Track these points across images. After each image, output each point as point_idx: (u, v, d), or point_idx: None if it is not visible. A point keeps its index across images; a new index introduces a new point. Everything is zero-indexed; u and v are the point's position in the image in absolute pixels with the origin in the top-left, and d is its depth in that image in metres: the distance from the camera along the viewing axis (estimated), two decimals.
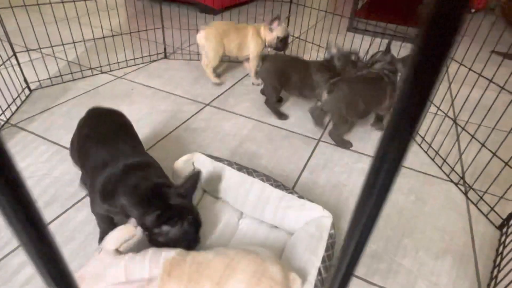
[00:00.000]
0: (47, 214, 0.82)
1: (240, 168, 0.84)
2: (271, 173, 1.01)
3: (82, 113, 0.87)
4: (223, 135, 1.18)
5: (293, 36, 2.09)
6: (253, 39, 1.47)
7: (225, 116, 1.30)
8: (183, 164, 0.85)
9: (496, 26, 2.88)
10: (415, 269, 0.76)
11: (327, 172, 1.04)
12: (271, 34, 1.45)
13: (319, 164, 1.07)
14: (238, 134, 1.19)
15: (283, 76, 1.25)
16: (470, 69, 1.03)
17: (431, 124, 1.25)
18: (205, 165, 0.86)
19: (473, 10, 3.35)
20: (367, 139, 1.22)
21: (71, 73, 1.45)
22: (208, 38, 1.42)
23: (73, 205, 0.85)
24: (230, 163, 0.85)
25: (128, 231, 0.63)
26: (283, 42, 1.47)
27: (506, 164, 0.89)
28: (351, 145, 1.16)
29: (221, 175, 0.84)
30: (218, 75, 1.57)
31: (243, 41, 1.47)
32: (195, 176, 0.71)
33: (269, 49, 1.57)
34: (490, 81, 0.95)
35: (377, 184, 0.15)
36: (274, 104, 1.31)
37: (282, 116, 1.30)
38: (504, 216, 0.87)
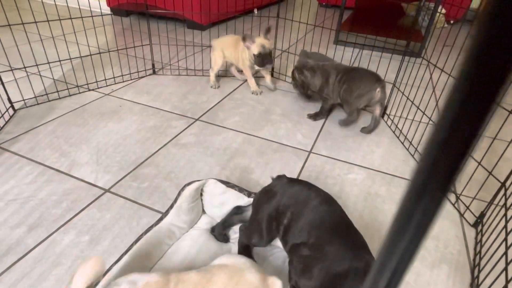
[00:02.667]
0: (31, 238, 0.79)
1: (250, 193, 0.82)
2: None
3: (69, 132, 0.85)
4: (213, 149, 1.17)
5: (281, 49, 2.12)
6: (242, 52, 1.54)
7: (215, 130, 1.29)
8: (194, 191, 0.81)
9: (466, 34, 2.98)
10: (412, 280, 0.76)
11: (320, 184, 1.03)
12: (249, 52, 1.48)
13: (311, 177, 1.07)
14: (229, 148, 1.18)
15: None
16: (449, 75, 1.06)
17: (415, 132, 1.27)
18: (214, 192, 0.83)
19: (452, 22, 3.48)
20: (357, 149, 1.22)
21: (57, 91, 1.43)
22: (213, 47, 1.62)
23: (59, 227, 0.82)
24: (241, 189, 0.83)
25: (96, 264, 0.55)
26: (260, 58, 1.46)
27: (490, 173, 0.91)
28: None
29: (231, 203, 0.83)
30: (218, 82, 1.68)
31: (238, 54, 1.56)
32: None
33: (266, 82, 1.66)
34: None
35: (397, 251, 0.12)
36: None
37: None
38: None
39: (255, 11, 3.25)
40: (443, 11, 3.11)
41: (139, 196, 0.94)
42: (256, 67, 1.54)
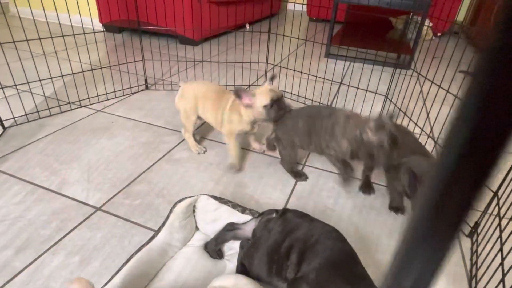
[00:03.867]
0: (19, 261, 0.77)
1: (244, 210, 0.81)
2: (258, 202, 0.99)
3: (60, 149, 0.84)
4: (207, 164, 1.16)
5: (273, 64, 2.14)
6: (228, 111, 1.09)
7: (208, 145, 1.28)
8: (186, 208, 0.79)
9: (459, 47, 3.07)
10: None
11: (314, 198, 1.03)
12: (254, 108, 1.03)
13: (305, 190, 1.06)
14: (222, 163, 1.17)
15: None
16: (439, 86, 1.08)
17: None
18: (207, 209, 0.82)
19: (439, 34, 3.57)
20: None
21: (48, 108, 1.42)
22: (183, 98, 1.18)
23: (48, 249, 0.80)
24: (234, 205, 0.82)
25: (82, 286, 0.52)
26: (275, 107, 1.02)
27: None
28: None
29: (224, 219, 0.81)
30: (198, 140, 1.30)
31: (222, 114, 1.11)
32: None
33: (253, 146, 1.26)
34: (455, 96, 0.99)
35: None
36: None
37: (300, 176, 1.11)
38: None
39: (247, 26, 3.31)
40: (430, 24, 3.19)
41: (131, 214, 0.92)
42: (262, 122, 1.11)
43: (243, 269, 0.72)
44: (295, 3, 2.16)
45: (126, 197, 0.98)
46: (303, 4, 3.58)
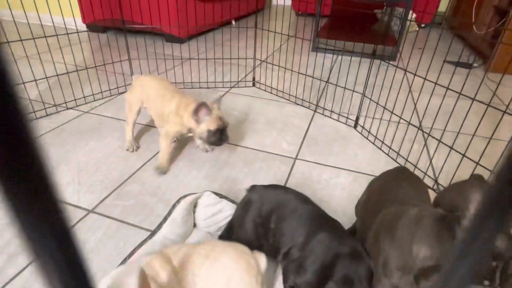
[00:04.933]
0: (11, 268, 0.75)
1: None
2: None
3: (48, 152, 0.83)
4: (200, 162, 1.16)
5: (260, 59, 2.14)
6: (171, 116, 1.08)
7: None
8: (190, 204, 0.81)
9: (443, 38, 3.12)
10: None
11: (308, 190, 1.04)
12: (199, 126, 1.04)
13: (298, 183, 1.07)
14: (215, 160, 1.17)
15: None
16: (425, 78, 1.10)
17: (395, 132, 1.30)
18: (208, 203, 0.83)
19: (423, 25, 3.63)
20: (342, 154, 1.24)
21: (34, 111, 1.38)
22: (133, 88, 1.18)
23: None
24: (232, 201, 0.84)
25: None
26: (217, 135, 1.05)
27: (477, 164, 0.94)
28: None
29: (224, 212, 0.83)
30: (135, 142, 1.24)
31: (163, 112, 1.11)
32: None
33: (198, 143, 1.23)
34: (447, 88, 1.01)
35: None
36: None
37: None
38: None
39: (233, 22, 3.29)
40: (414, 16, 3.24)
41: (125, 215, 0.91)
42: (205, 146, 1.20)
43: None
44: None
45: (119, 198, 0.97)
46: None
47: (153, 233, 0.77)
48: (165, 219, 0.79)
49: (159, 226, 0.78)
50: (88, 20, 2.61)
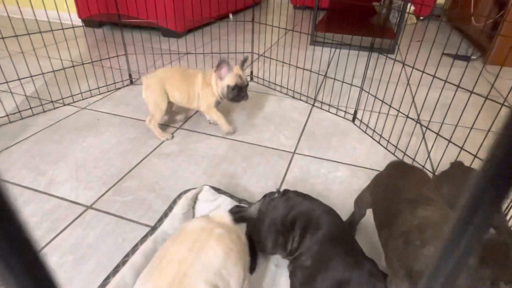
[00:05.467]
0: None
1: (240, 200, 0.83)
2: (250, 192, 1.00)
3: (45, 149, 0.82)
4: (198, 157, 1.16)
5: (258, 54, 2.13)
6: (202, 89, 1.22)
7: (198, 138, 1.28)
8: (191, 200, 0.82)
9: (441, 30, 3.11)
10: None
11: (306, 185, 1.04)
12: (221, 82, 1.19)
13: (297, 178, 1.07)
14: (214, 155, 1.17)
15: None
16: (423, 71, 1.09)
17: (394, 126, 1.30)
18: (208, 198, 0.84)
19: (421, 18, 3.60)
20: (340, 148, 1.24)
21: (31, 108, 1.38)
22: (149, 88, 1.20)
23: (40, 250, 0.79)
24: (231, 196, 0.85)
25: None
26: (235, 91, 1.19)
27: (475, 156, 0.94)
28: None
29: (224, 207, 0.83)
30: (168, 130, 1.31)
31: (191, 90, 1.22)
32: None
33: (207, 118, 1.35)
34: (445, 81, 1.01)
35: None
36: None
37: None
38: None
39: (231, 16, 3.26)
40: (412, 8, 3.22)
41: (123, 210, 0.91)
42: (225, 101, 1.27)
43: (250, 242, 0.75)
44: None
45: (117, 194, 0.97)
46: None
47: (153, 228, 0.77)
48: (165, 214, 0.79)
49: (160, 221, 0.79)
50: (84, 15, 2.58)
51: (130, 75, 1.70)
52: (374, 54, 2.22)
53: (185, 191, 0.82)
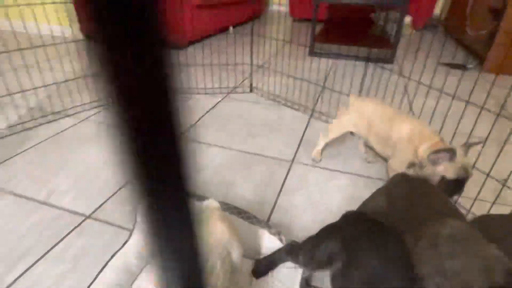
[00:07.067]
0: (11, 274, 0.76)
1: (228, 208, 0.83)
2: (249, 201, 1.00)
3: (47, 160, 0.84)
4: (197, 166, 1.16)
5: (257, 65, 2.16)
6: (402, 143, 0.96)
7: (198, 147, 1.29)
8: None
9: (438, 40, 3.15)
10: None
11: (303, 193, 1.05)
12: (432, 166, 0.87)
13: (293, 186, 1.08)
14: (212, 164, 1.18)
15: None
16: (419, 82, 1.11)
17: None
18: None
19: (420, 29, 3.65)
20: (338, 156, 1.25)
21: (33, 119, 1.40)
22: (351, 109, 1.11)
23: (39, 259, 0.79)
24: (200, 198, 0.84)
25: None
26: (451, 185, 0.86)
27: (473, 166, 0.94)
28: None
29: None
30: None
31: (389, 137, 0.99)
32: None
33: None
34: (441, 91, 1.03)
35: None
36: None
37: None
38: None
39: (231, 29, 3.32)
40: (408, 19, 3.27)
41: (122, 220, 0.92)
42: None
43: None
44: (279, 4, 2.19)
45: (116, 203, 0.98)
46: (279, 4, 3.62)
47: (124, 242, 0.77)
48: (134, 226, 0.80)
49: (130, 234, 0.79)
50: (86, 29, 2.64)
51: None
52: (372, 64, 2.25)
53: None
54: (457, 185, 0.86)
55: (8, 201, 0.97)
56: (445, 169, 0.84)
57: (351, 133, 1.18)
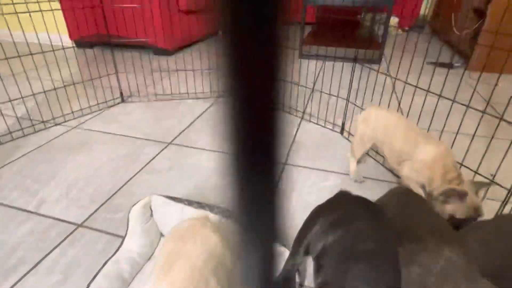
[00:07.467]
0: (9, 281, 0.74)
1: (201, 206, 0.82)
2: None
3: (35, 169, 0.83)
4: (190, 171, 1.16)
5: None
6: (419, 163, 0.92)
7: (189, 152, 1.29)
8: (141, 210, 0.81)
9: (425, 40, 3.20)
10: None
11: (296, 195, 1.05)
12: (443, 204, 0.84)
13: (287, 188, 1.08)
14: (204, 168, 1.18)
15: None
16: (406, 82, 1.13)
17: None
18: (164, 208, 0.83)
19: (406, 29, 3.72)
20: (331, 157, 1.26)
21: (22, 129, 1.38)
22: (367, 121, 1.07)
23: (30, 270, 0.78)
24: (190, 202, 0.83)
25: None
26: (458, 222, 0.82)
27: (461, 164, 0.96)
28: None
29: (181, 217, 0.81)
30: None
31: (405, 152, 0.95)
32: None
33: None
34: (427, 91, 1.05)
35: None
36: None
37: None
38: None
39: (220, 34, 3.33)
40: (395, 20, 3.32)
41: (115, 227, 0.91)
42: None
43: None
44: None
45: (108, 211, 0.97)
46: None
47: (116, 250, 0.77)
48: (125, 234, 0.79)
49: (121, 242, 0.79)
50: (75, 36, 2.62)
51: (121, 94, 1.72)
52: (359, 65, 2.28)
53: (134, 204, 0.82)
54: (467, 221, 0.82)
55: None
56: (456, 208, 0.82)
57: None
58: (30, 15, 1.32)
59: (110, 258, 0.74)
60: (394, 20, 3.44)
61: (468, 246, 0.61)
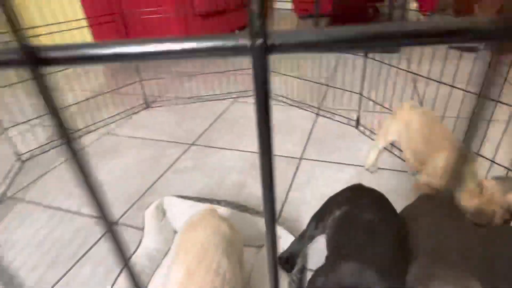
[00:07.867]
0: (51, 275, 0.86)
1: (210, 201, 0.89)
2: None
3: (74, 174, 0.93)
4: (210, 170, 1.24)
5: None
6: (436, 168, 0.87)
7: (210, 152, 1.36)
8: (155, 210, 0.89)
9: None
10: None
11: (312, 188, 1.10)
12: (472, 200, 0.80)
13: (303, 182, 1.13)
14: (224, 167, 1.25)
15: None
16: (426, 77, 1.13)
17: None
18: (176, 206, 0.91)
19: (428, 13, 3.59)
20: (345, 149, 1.29)
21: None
22: (398, 115, 1.03)
23: (76, 263, 0.89)
24: (199, 199, 0.89)
25: None
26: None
27: (477, 154, 0.96)
28: None
29: (192, 213, 0.89)
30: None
31: (430, 152, 0.90)
32: None
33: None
34: (440, 82, 1.05)
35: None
36: None
37: None
38: None
39: (237, 33, 3.39)
40: (415, 5, 3.22)
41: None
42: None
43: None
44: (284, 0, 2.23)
45: (139, 209, 1.07)
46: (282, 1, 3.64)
47: (135, 251, 0.85)
48: (143, 234, 0.88)
49: (139, 244, 0.86)
50: None
51: (145, 99, 1.84)
52: (378, 54, 2.25)
53: (147, 207, 0.90)
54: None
55: (43, 212, 1.08)
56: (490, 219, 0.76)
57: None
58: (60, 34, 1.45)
59: (133, 254, 0.83)
60: (414, 5, 3.33)
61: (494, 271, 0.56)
